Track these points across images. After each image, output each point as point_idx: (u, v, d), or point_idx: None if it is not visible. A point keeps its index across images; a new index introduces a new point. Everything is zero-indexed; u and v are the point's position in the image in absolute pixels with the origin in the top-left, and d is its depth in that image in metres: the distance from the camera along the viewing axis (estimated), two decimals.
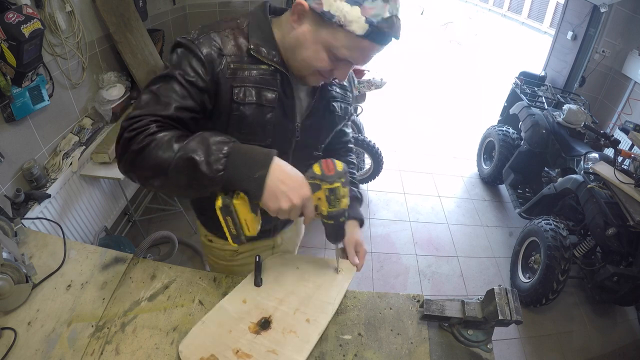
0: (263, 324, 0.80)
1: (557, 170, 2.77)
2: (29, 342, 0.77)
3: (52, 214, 1.70)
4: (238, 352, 0.74)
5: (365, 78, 2.72)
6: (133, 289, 0.89)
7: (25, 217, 1.49)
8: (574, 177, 2.28)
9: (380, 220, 2.88)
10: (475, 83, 6.03)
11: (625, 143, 2.77)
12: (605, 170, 2.13)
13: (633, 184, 2.00)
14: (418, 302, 0.92)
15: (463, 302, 0.83)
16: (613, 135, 2.56)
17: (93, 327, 0.81)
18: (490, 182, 3.37)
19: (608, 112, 3.28)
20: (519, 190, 2.96)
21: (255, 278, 0.88)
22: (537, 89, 3.21)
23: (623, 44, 3.12)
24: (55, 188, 1.71)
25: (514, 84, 3.28)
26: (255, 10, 0.81)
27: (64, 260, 0.94)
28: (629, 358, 2.15)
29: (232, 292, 0.87)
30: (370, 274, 2.42)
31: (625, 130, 2.48)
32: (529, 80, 3.39)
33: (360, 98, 2.76)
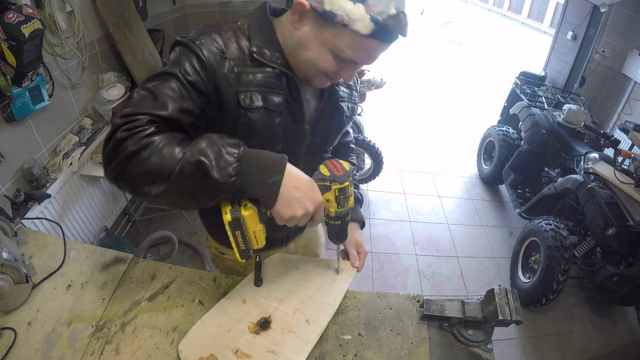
0: (262, 324, 0.80)
1: (557, 170, 2.77)
2: (29, 342, 0.77)
3: (52, 214, 1.70)
4: (237, 352, 0.74)
5: (365, 78, 2.73)
6: (133, 289, 0.89)
7: (25, 217, 1.49)
8: (574, 177, 2.28)
9: (380, 220, 2.88)
10: (475, 83, 6.03)
11: (625, 143, 2.77)
12: (605, 170, 2.13)
13: (633, 184, 2.00)
14: (418, 302, 0.92)
15: (463, 302, 0.83)
16: (613, 135, 2.56)
17: (93, 327, 0.81)
18: (490, 182, 3.37)
19: (608, 112, 3.28)
20: (519, 190, 2.96)
21: (255, 278, 0.88)
22: (537, 89, 3.21)
23: (623, 44, 3.11)
24: (55, 188, 1.71)
25: (514, 84, 3.28)
26: (256, 12, 0.77)
27: (64, 260, 0.94)
28: (629, 358, 2.15)
29: (232, 292, 0.87)
30: (370, 274, 2.42)
31: (625, 130, 2.48)
32: (529, 80, 3.39)
33: (360, 98, 2.76)
